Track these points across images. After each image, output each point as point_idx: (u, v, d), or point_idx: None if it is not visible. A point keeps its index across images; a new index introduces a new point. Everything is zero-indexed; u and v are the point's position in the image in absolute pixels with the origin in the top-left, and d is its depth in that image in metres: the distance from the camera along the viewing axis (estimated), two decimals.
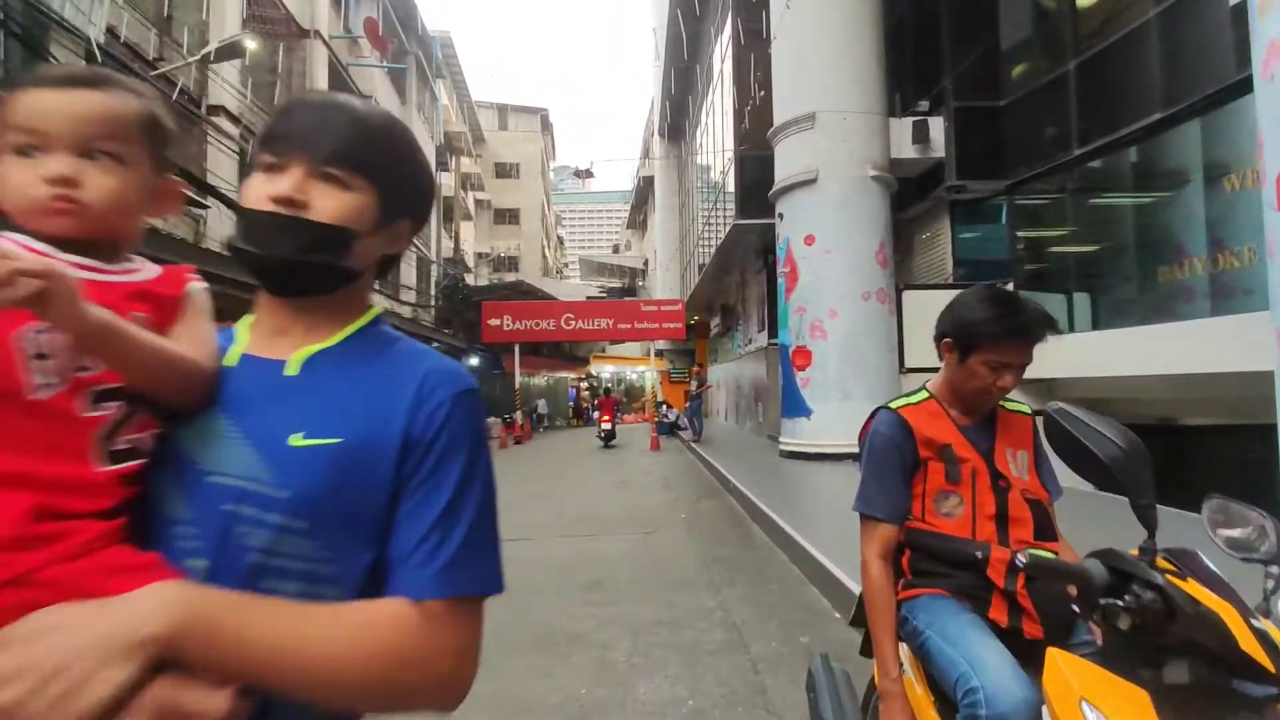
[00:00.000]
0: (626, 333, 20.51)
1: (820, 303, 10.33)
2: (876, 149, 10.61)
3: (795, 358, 10.60)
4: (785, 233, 10.92)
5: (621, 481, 10.44)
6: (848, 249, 10.28)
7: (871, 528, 1.71)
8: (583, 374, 36.06)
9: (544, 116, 44.06)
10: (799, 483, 8.67)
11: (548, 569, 5.34)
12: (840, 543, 5.08)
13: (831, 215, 10.35)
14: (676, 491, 9.21)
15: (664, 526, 6.86)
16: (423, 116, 22.00)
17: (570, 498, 8.96)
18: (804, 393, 10.46)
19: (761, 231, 13.77)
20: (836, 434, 10.04)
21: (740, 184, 13.13)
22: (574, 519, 7.45)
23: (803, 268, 10.53)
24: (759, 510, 6.72)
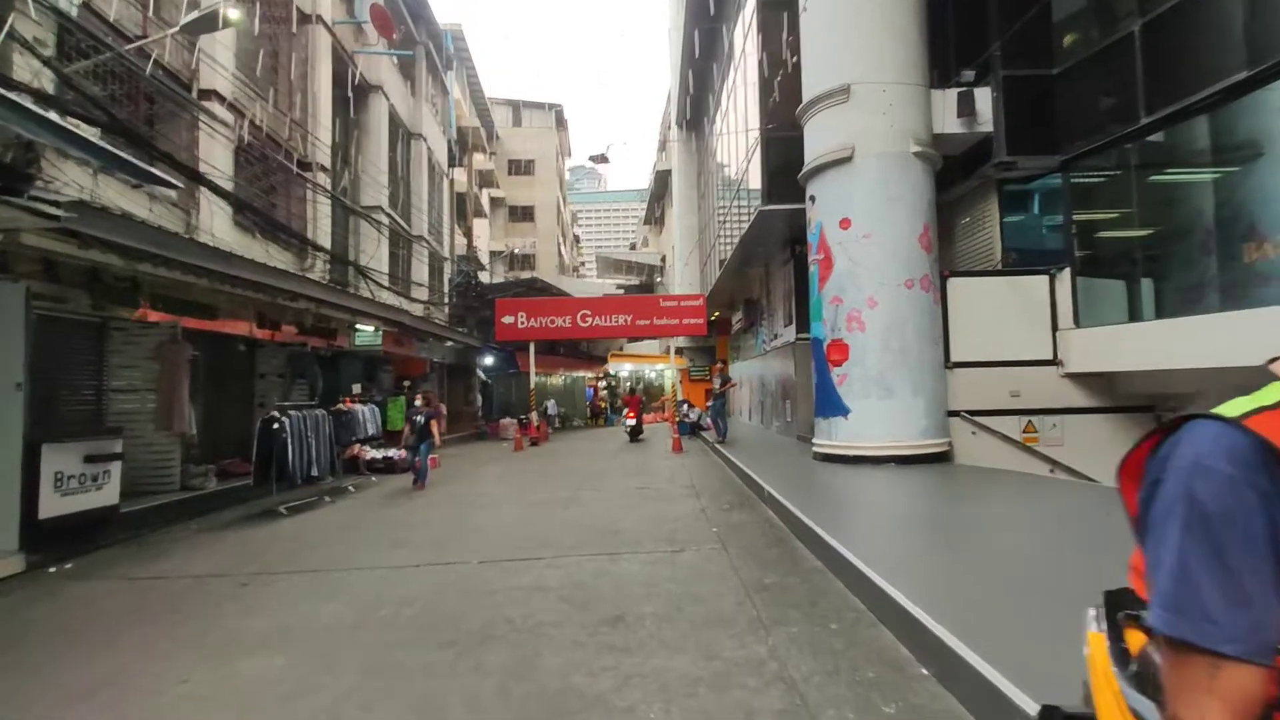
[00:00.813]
0: (645, 329, 19.68)
1: (858, 292, 9.46)
2: (918, 122, 9.72)
3: (831, 352, 9.74)
4: (817, 217, 10.06)
5: (643, 488, 9.64)
6: (888, 232, 9.40)
7: (1207, 671, 0.78)
8: (600, 373, 35.32)
9: (558, 112, 43.39)
10: (842, 491, 7.82)
11: (561, 600, 4.56)
12: (911, 570, 4.25)
13: (869, 196, 9.48)
14: (704, 499, 8.40)
15: (693, 543, 6.05)
16: (434, 109, 21.35)
17: (588, 507, 8.19)
18: (840, 390, 9.59)
19: (789, 219, 12.91)
20: (877, 435, 9.20)
21: (767, 167, 12.28)
22: (591, 533, 6.67)
23: (838, 254, 9.66)
24: (803, 525, 5.89)
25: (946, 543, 5.22)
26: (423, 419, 10.64)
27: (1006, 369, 9.91)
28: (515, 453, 16.53)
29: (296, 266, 12.59)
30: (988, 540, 5.18)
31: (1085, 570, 4.18)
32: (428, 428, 10.63)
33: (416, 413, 10.77)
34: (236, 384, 11.60)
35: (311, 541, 6.96)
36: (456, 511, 8.36)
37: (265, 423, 8.66)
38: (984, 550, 4.83)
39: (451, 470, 13.08)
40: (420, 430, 10.62)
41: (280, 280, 9.48)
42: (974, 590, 3.89)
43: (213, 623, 4.53)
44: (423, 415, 10.68)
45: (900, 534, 5.64)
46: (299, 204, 13.06)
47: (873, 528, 5.94)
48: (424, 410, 10.80)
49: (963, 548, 4.98)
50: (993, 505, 6.72)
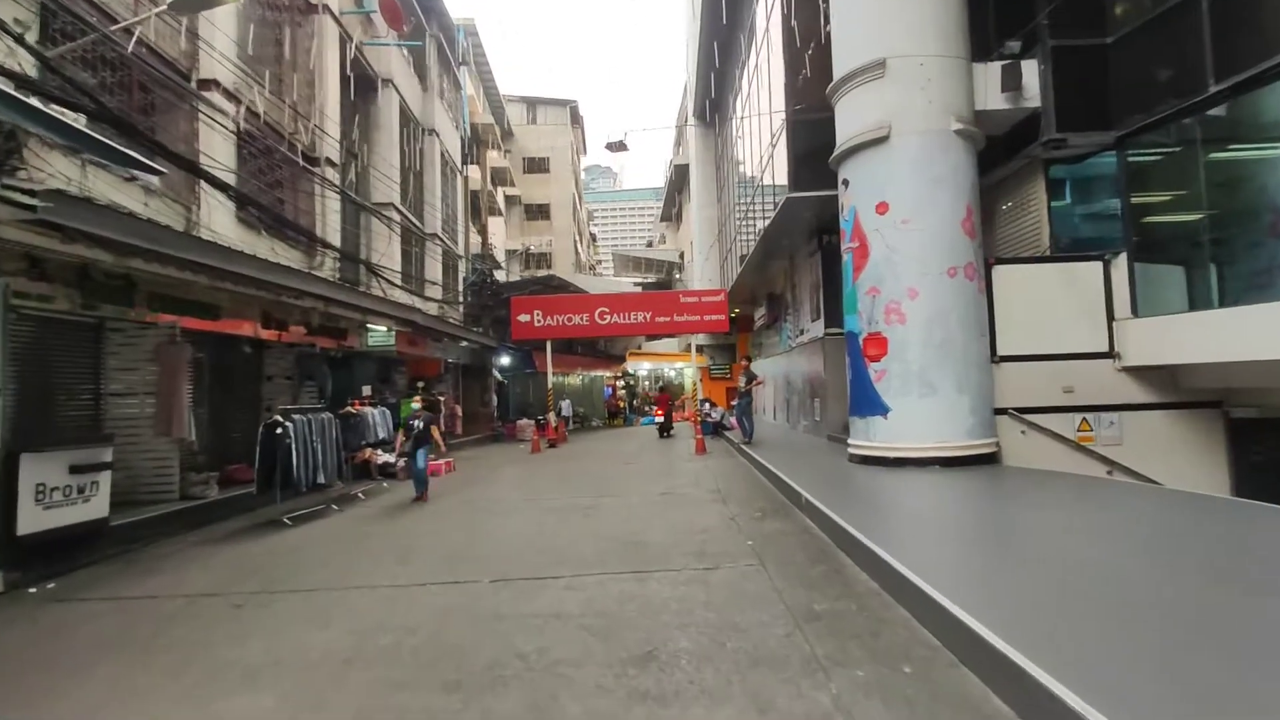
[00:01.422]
0: (665, 326, 19.10)
1: (897, 281, 8.80)
2: (959, 98, 9.03)
3: (867, 347, 9.09)
4: (851, 201, 9.40)
5: (667, 493, 9.06)
6: (929, 217, 8.73)
7: None
8: (619, 372, 34.79)
9: (573, 109, 42.89)
10: (886, 497, 7.18)
11: (582, 630, 3.99)
12: (987, 594, 3.63)
13: (908, 178, 8.81)
14: (734, 506, 7.80)
15: (728, 558, 5.46)
16: (445, 104, 20.91)
17: (609, 515, 7.63)
18: (878, 387, 8.94)
19: (817, 207, 12.25)
20: (920, 435, 8.54)
21: (793, 152, 11.63)
22: (614, 545, 6.09)
23: (874, 241, 9.01)
24: (849, 538, 5.28)
25: (1017, 558, 4.58)
26: (420, 424, 9.75)
27: (1058, 363, 9.19)
28: (532, 455, 16.02)
29: (305, 265, 12.16)
30: (1064, 556, 4.53)
31: (1195, 594, 3.53)
32: (427, 432, 9.79)
33: (414, 416, 9.89)
34: (243, 387, 11.19)
35: (314, 556, 6.46)
36: (469, 520, 7.83)
37: (268, 427, 8.20)
38: (1063, 567, 4.19)
39: (466, 474, 12.59)
40: (418, 436, 9.72)
41: (284, 278, 9.03)
42: (1071, 620, 3.26)
43: (199, 652, 4.04)
44: (420, 420, 9.80)
45: (961, 548, 5.00)
46: (307, 200, 12.64)
47: (929, 540, 5.30)
48: (422, 414, 9.91)
49: (1038, 564, 4.34)
50: (1055, 513, 6.05)
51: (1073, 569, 4.19)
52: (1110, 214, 9.52)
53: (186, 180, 9.34)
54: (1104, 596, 3.65)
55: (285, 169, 11.83)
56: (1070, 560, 4.41)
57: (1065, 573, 4.12)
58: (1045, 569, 4.24)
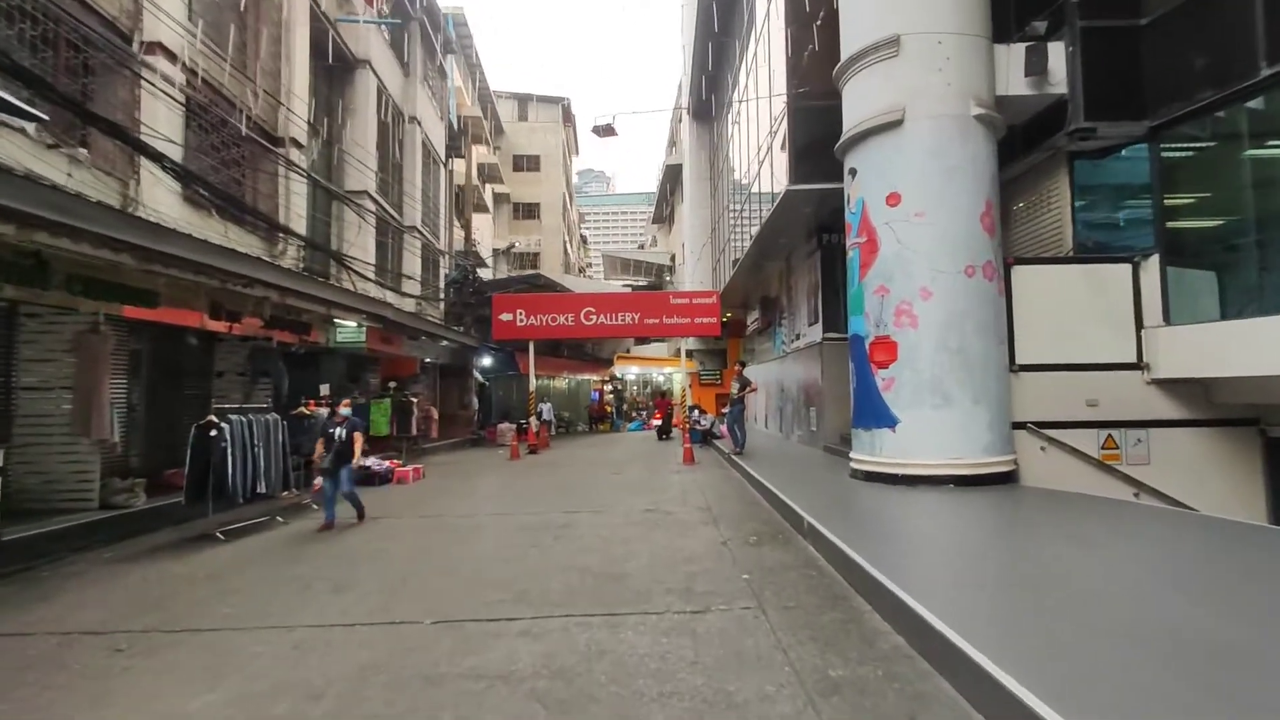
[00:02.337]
0: (654, 328, 18.20)
1: (908, 280, 7.98)
2: (979, 81, 8.24)
3: (874, 352, 8.26)
4: (859, 192, 8.58)
5: (651, 509, 8.18)
6: (945, 209, 7.92)
7: None
8: (606, 376, 33.89)
9: (565, 107, 42.03)
10: (901, 521, 6.33)
11: (533, 700, 3.10)
12: (1062, 666, 2.74)
13: (922, 166, 8.01)
14: (726, 528, 6.93)
15: (720, 598, 4.58)
16: (429, 92, 19.99)
17: (585, 536, 6.73)
18: (887, 397, 8.10)
19: (818, 202, 11.46)
20: (932, 450, 7.71)
21: (794, 142, 10.81)
22: (587, 577, 5.20)
23: (884, 236, 8.19)
24: (867, 578, 4.41)
25: (1072, 610, 3.71)
26: (343, 432, 7.81)
27: (1082, 373, 8.39)
28: (511, 462, 15.09)
29: (265, 252, 11.21)
30: (1120, 603, 3.68)
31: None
32: (349, 445, 7.84)
33: (333, 424, 7.90)
34: (189, 383, 10.22)
35: (235, 581, 5.52)
36: (425, 540, 6.91)
37: (200, 428, 7.25)
38: (1127, 621, 3.35)
39: (435, 482, 11.64)
40: (340, 449, 7.78)
41: (229, 262, 8.08)
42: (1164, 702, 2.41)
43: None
44: (342, 428, 7.84)
45: (1002, 593, 4.14)
46: (269, 184, 11.69)
47: (961, 581, 4.44)
48: (345, 419, 7.96)
49: (1094, 615, 3.49)
50: (1094, 547, 5.22)
51: (1138, 623, 3.34)
52: (1140, 213, 8.75)
53: (126, 154, 8.42)
54: (1180, 661, 2.80)
55: (244, 148, 10.88)
56: (1134, 611, 3.56)
57: (1131, 627, 3.27)
58: (1104, 620, 3.38)
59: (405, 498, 9.97)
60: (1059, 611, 3.62)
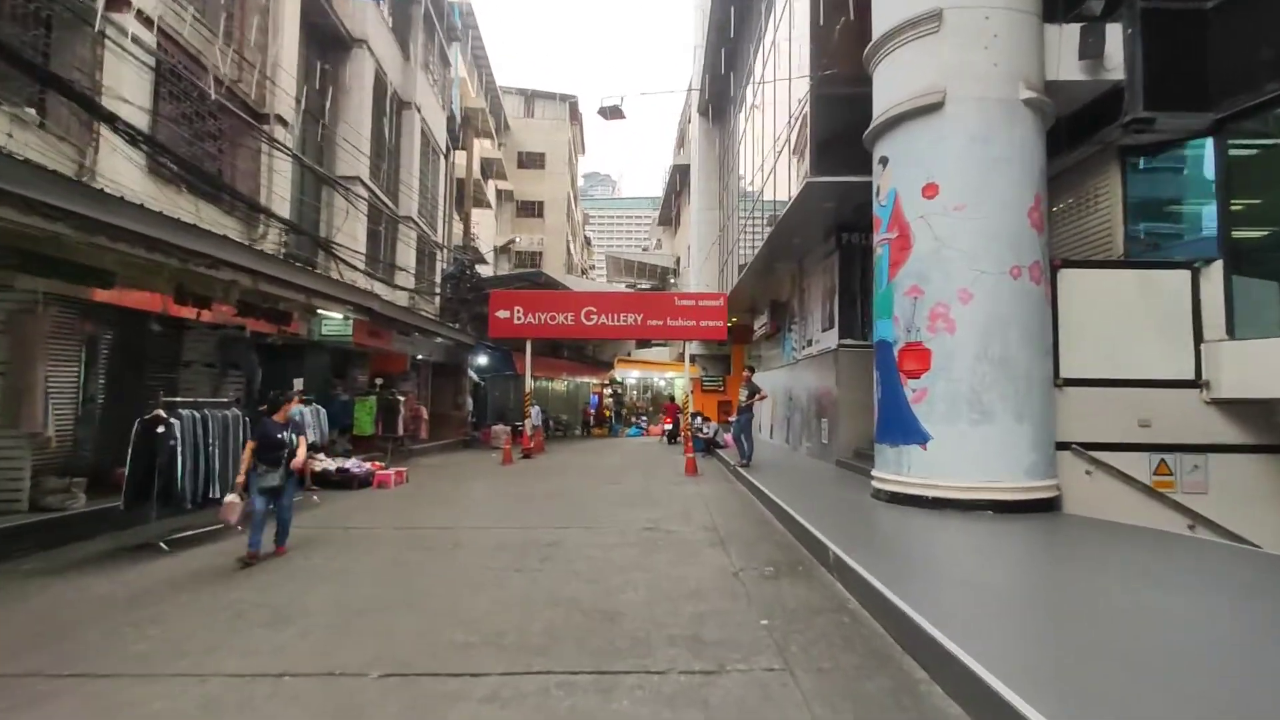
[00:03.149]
0: (658, 330, 17.40)
1: (946, 281, 7.16)
2: (1029, 61, 7.44)
3: (904, 359, 7.43)
4: (890, 183, 7.77)
5: (651, 528, 7.34)
6: (989, 202, 7.11)
7: None
8: (606, 379, 33.06)
9: (573, 104, 41.31)
10: (943, 558, 5.49)
11: None
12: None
13: (964, 155, 7.20)
14: (735, 553, 6.09)
15: (736, 651, 3.74)
16: (430, 78, 19.22)
17: (575, 560, 5.89)
18: (916, 410, 7.27)
19: (838, 198, 10.67)
20: (968, 471, 6.88)
21: (816, 131, 10.01)
22: (574, 616, 4.36)
23: (918, 231, 7.37)
24: (918, 632, 3.58)
25: (1179, 680, 2.88)
26: (288, 437, 6.14)
27: (1133, 390, 7.56)
28: (503, 467, 14.24)
29: (244, 235, 10.42)
30: (1227, 663, 2.85)
31: None
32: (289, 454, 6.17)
33: (277, 428, 6.09)
34: (153, 373, 9.39)
35: (158, 607, 4.68)
36: (395, 558, 6.07)
37: (145, 424, 6.42)
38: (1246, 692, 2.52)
39: (418, 488, 10.81)
40: (289, 455, 6.15)
41: (188, 238, 7.26)
42: None
43: None
44: (285, 432, 6.14)
45: (1101, 664, 3.30)
46: (251, 162, 10.90)
47: (1043, 643, 3.60)
48: (285, 422, 6.23)
49: (1211, 683, 2.66)
50: (1187, 592, 4.39)
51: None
52: (1200, 214, 7.93)
53: (86, 121, 7.63)
54: None
55: (223, 120, 10.10)
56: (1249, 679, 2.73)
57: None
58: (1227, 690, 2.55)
59: (383, 504, 9.14)
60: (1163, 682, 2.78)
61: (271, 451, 6.06)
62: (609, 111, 12.50)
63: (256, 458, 5.98)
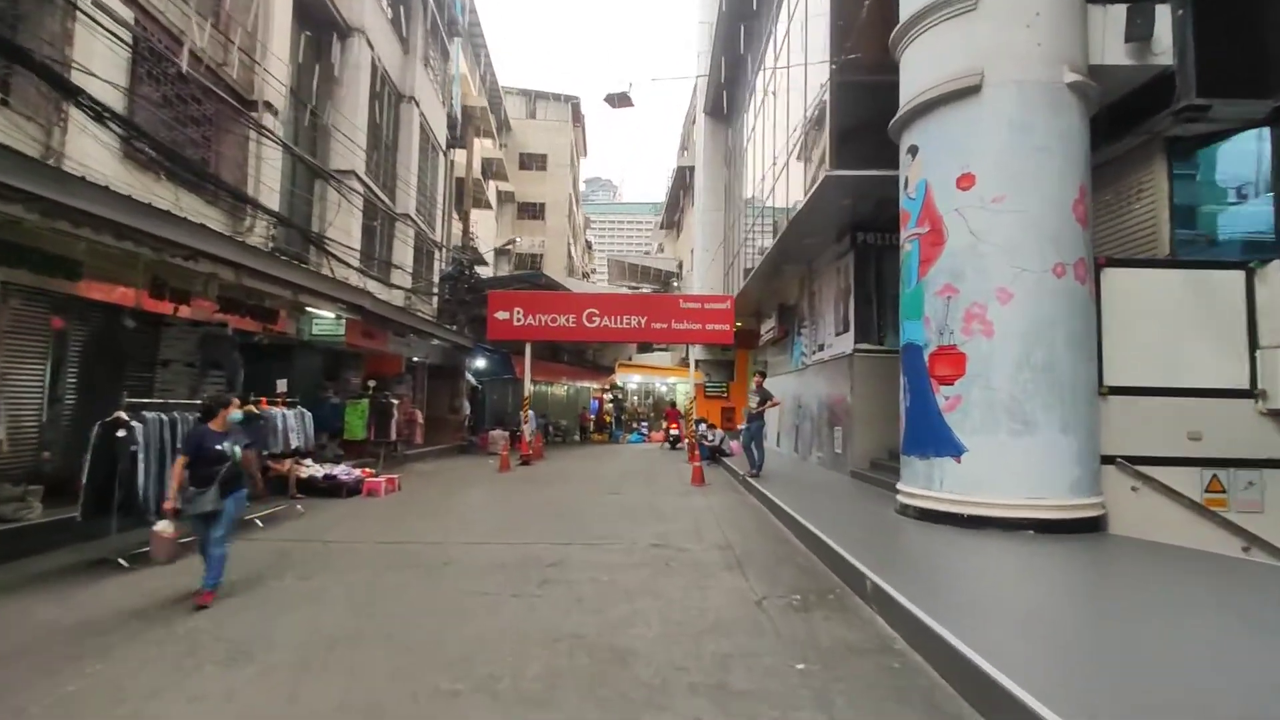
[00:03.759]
0: (662, 334, 16.87)
1: (983, 279, 6.59)
2: (1073, 43, 6.89)
3: (936, 364, 6.85)
4: (920, 174, 7.21)
5: (659, 545, 6.75)
6: (1030, 195, 6.54)
7: None
8: (607, 384, 32.48)
9: (575, 106, 40.83)
10: (999, 585, 4.89)
11: None
12: None
13: (1004, 142, 6.64)
14: (757, 578, 5.49)
15: (769, 703, 3.15)
16: (430, 73, 18.69)
17: (576, 583, 5.30)
18: (950, 419, 6.69)
19: (856, 194, 10.11)
20: (1008, 487, 6.29)
21: (836, 122, 9.44)
22: (578, 657, 3.77)
23: (952, 225, 6.80)
24: (990, 685, 2.99)
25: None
26: (228, 449, 4.94)
27: (1182, 399, 6.98)
28: (500, 474, 13.65)
29: (229, 228, 9.86)
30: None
31: None
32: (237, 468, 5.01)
33: (214, 438, 4.93)
34: (131, 373, 8.81)
35: (104, 637, 4.09)
36: (377, 580, 5.46)
37: (106, 427, 5.84)
38: None
39: (409, 497, 10.21)
40: (227, 474, 4.89)
41: (160, 225, 6.69)
42: None
43: None
44: (225, 443, 4.96)
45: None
46: (240, 151, 10.34)
47: (1143, 695, 3.01)
48: (227, 431, 5.07)
49: None
50: (1268, 634, 3.80)
51: None
52: (1256, 210, 7.37)
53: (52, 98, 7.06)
54: None
55: (207, 105, 9.54)
56: None
57: None
58: None
59: (371, 515, 8.55)
60: None
61: (205, 467, 4.82)
62: (617, 99, 11.96)
63: (188, 474, 4.84)
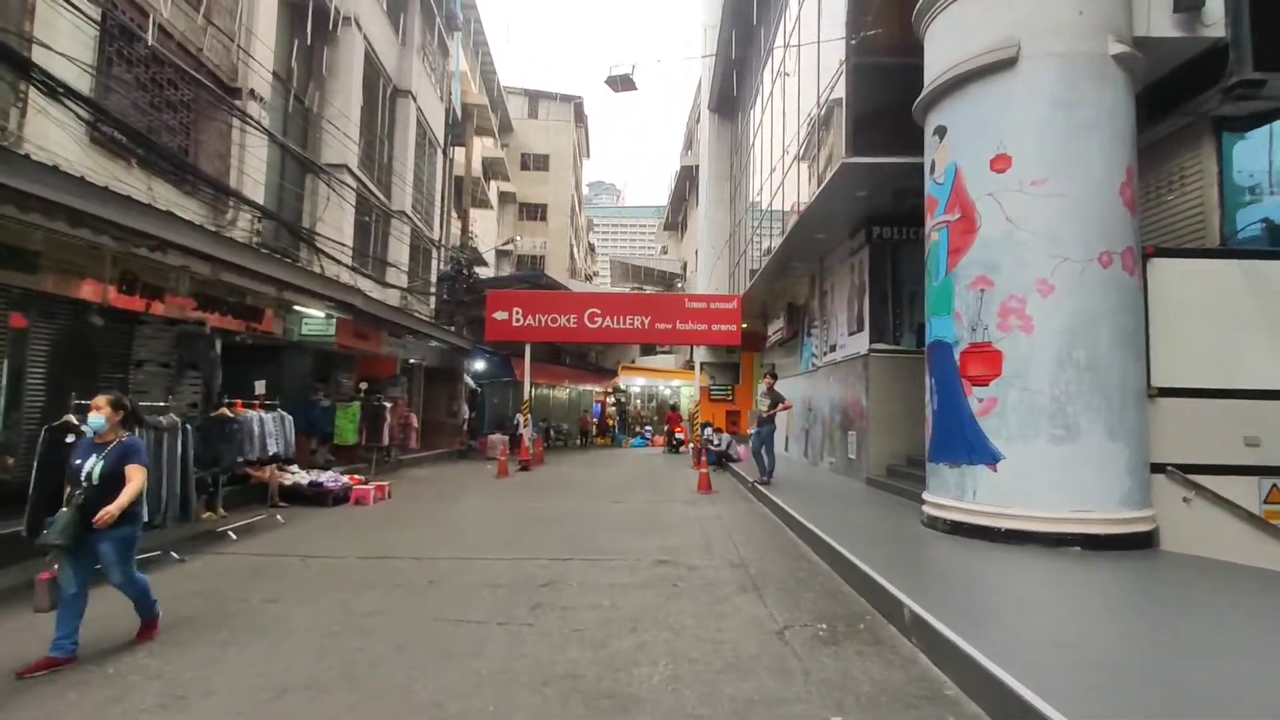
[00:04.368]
0: (666, 334, 16.28)
1: (1021, 269, 6.01)
2: (1119, 12, 6.31)
3: (969, 364, 6.26)
4: (949, 157, 6.62)
5: (665, 560, 6.17)
6: (1073, 177, 5.96)
7: None
8: (610, 387, 31.90)
9: (578, 105, 40.33)
10: (1064, 616, 4.29)
11: None
12: None
13: (1044, 119, 6.06)
14: (776, 602, 4.90)
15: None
16: (427, 66, 18.17)
17: (572, 608, 4.72)
18: (984, 423, 6.09)
19: (872, 186, 9.55)
20: (1050, 499, 5.70)
21: (852, 107, 8.86)
22: (569, 704, 3.19)
23: (986, 211, 6.21)
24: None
25: None
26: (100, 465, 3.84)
27: (1238, 401, 6.36)
28: (497, 480, 13.07)
29: (210, 221, 9.31)
30: None
31: None
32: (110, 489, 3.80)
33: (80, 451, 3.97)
34: (105, 373, 8.27)
35: (22, 681, 3.52)
36: (345, 605, 4.87)
37: (53, 433, 5.27)
38: None
39: (399, 505, 9.64)
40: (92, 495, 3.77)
41: (121, 213, 6.14)
42: None
43: None
44: (105, 455, 3.88)
45: None
46: (222, 142, 9.81)
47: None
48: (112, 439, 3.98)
49: None
50: None
51: None
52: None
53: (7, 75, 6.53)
54: None
55: (186, 91, 9.01)
56: None
57: None
58: None
59: (356, 526, 7.98)
60: None
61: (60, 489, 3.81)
62: (619, 81, 11.37)
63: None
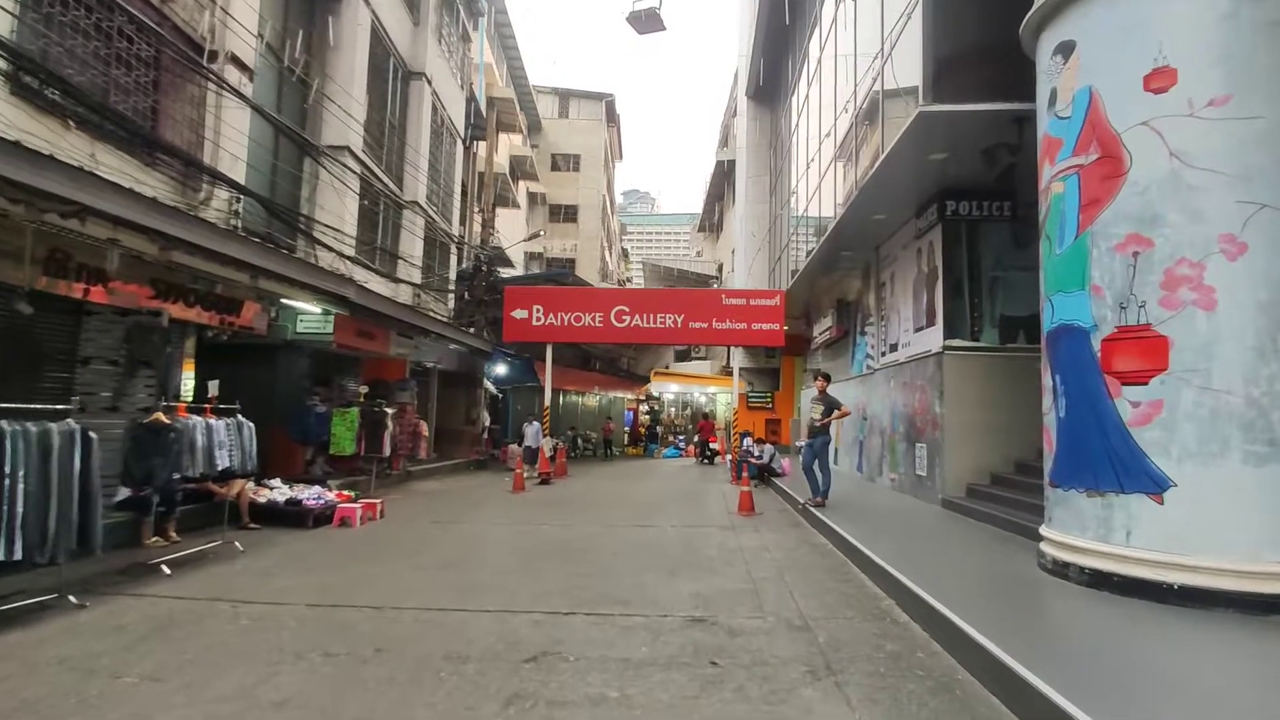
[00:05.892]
0: (703, 334, 14.76)
1: (1194, 224, 4.34)
2: None
3: (1116, 355, 4.59)
4: (1079, 81, 4.99)
5: (700, 619, 4.64)
6: (1269, 93, 4.28)
7: None
8: (642, 394, 30.42)
9: (609, 104, 39.15)
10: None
11: None
12: None
13: (1221, 18, 4.40)
14: (862, 698, 3.33)
15: None
16: (445, 51, 17.01)
17: (568, 700, 3.22)
18: (1142, 436, 4.42)
19: (952, 146, 7.91)
20: (1250, 544, 3.99)
21: (932, 44, 7.22)
22: None
23: (1138, 146, 4.57)
24: None
25: None
26: None
27: None
28: (512, 495, 11.68)
29: (180, 201, 8.13)
30: None
31: None
32: None
33: None
34: (48, 371, 7.08)
35: None
36: (244, 696, 3.44)
37: None
38: None
39: (390, 528, 8.28)
40: None
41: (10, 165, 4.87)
42: None
43: None
44: None
45: None
46: (194, 110, 8.65)
47: None
48: None
49: None
50: None
51: None
52: None
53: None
54: None
55: (146, 48, 7.85)
56: None
57: None
58: None
59: (328, 555, 6.63)
60: None
61: None
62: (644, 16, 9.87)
63: None
